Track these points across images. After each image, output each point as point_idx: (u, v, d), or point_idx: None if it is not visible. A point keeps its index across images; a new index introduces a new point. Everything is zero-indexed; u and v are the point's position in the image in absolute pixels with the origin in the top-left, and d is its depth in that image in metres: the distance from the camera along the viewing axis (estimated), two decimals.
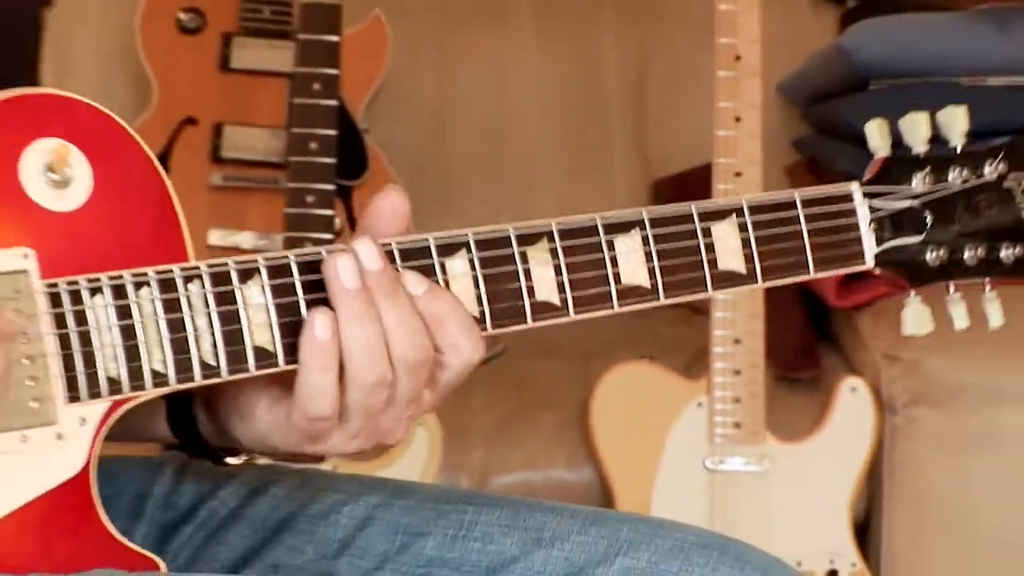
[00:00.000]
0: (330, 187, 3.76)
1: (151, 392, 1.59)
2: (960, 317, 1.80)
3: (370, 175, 4.17)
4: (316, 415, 1.60)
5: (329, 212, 3.76)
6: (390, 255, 1.62)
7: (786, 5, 4.34)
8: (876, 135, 1.80)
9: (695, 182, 3.94)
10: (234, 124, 4.15)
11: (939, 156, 1.79)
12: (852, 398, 3.85)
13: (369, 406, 1.60)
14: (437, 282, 1.64)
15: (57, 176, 1.60)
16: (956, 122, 1.78)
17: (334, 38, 3.78)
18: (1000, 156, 1.80)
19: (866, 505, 3.94)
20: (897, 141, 1.81)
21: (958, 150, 1.79)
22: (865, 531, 3.92)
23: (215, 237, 3.87)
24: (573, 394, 3.75)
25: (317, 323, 1.59)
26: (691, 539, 1.78)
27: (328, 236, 3.75)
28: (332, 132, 3.76)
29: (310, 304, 1.61)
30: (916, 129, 1.78)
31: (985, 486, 3.94)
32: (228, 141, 4.13)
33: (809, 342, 4.09)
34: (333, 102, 3.77)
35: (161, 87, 4.14)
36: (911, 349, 3.90)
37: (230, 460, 1.76)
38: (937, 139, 1.79)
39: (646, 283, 1.71)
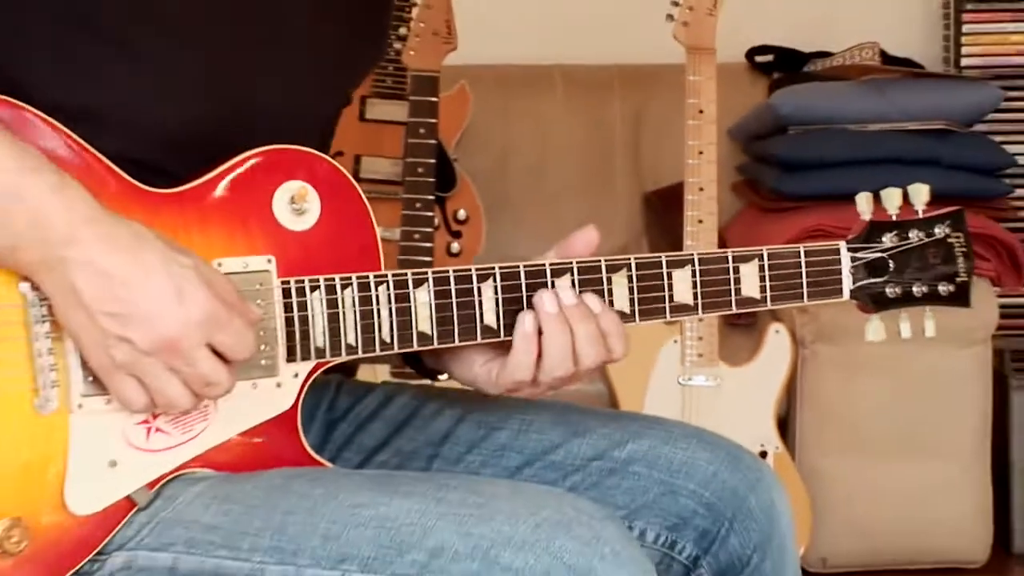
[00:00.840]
0: (431, 198, 3.75)
1: (344, 358, 1.63)
2: (906, 330, 1.81)
3: (458, 190, 4.18)
4: (518, 380, 1.66)
5: (431, 214, 3.76)
6: (570, 270, 1.68)
7: (733, 77, 4.30)
8: (863, 204, 1.79)
9: (672, 195, 3.92)
10: (368, 155, 4.13)
11: (905, 220, 1.79)
12: (776, 337, 3.85)
13: (554, 382, 1.66)
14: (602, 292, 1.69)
15: (297, 206, 1.63)
16: (919, 195, 1.78)
17: (434, 99, 3.77)
18: (947, 221, 1.80)
19: (785, 408, 3.93)
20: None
21: (920, 215, 1.79)
22: (785, 425, 3.92)
23: None
24: None
25: (526, 321, 1.65)
26: (677, 430, 1.79)
27: (430, 230, 3.74)
28: (432, 161, 3.75)
29: (460, 304, 1.66)
30: (892, 198, 1.78)
31: (862, 395, 3.97)
32: (364, 167, 4.12)
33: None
34: (433, 141, 3.76)
35: None
36: (815, 305, 3.90)
37: (440, 378, 1.80)
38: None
39: (690, 302, 1.72)
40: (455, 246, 4.15)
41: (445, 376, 1.78)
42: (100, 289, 1.47)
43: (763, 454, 3.74)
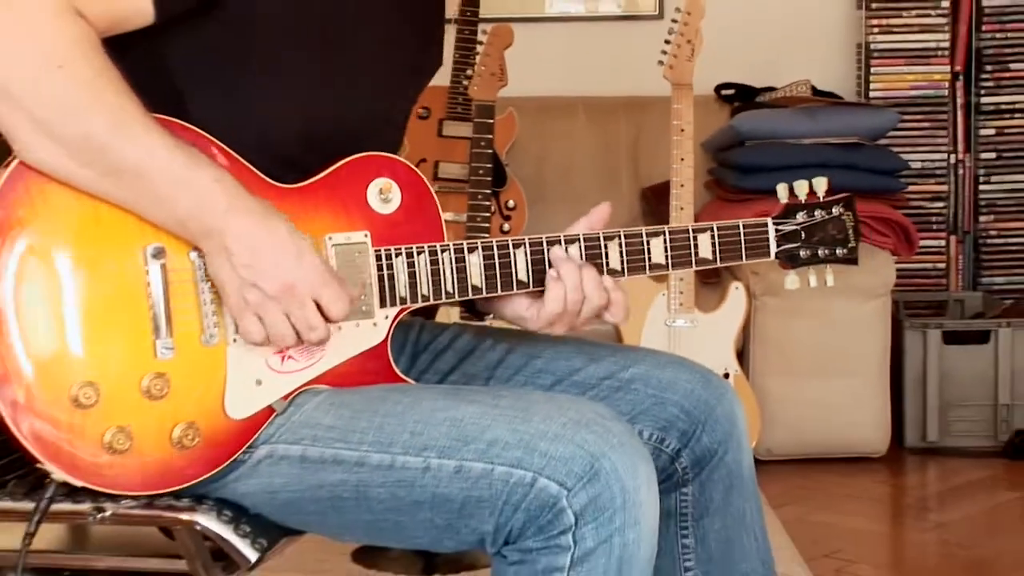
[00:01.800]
0: (488, 191, 3.74)
1: (420, 304, 1.62)
2: (813, 280, 1.78)
3: (508, 186, 4.17)
4: (553, 312, 1.64)
5: (488, 204, 3.73)
6: (578, 240, 1.67)
7: (705, 105, 4.29)
8: (782, 191, 1.77)
9: (662, 190, 3.91)
10: (444, 161, 4.12)
11: (812, 203, 1.76)
12: (736, 292, 3.83)
13: (571, 314, 1.64)
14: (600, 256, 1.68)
15: (384, 196, 1.61)
16: (820, 185, 1.76)
17: (491, 121, 3.75)
18: (841, 203, 1.78)
19: (742, 343, 3.92)
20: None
21: (821, 199, 1.77)
22: (742, 355, 3.90)
23: None
24: None
25: (551, 272, 1.64)
26: (666, 358, 1.77)
27: (487, 215, 3.72)
28: (490, 165, 3.73)
29: (501, 265, 1.64)
30: (802, 188, 1.76)
31: (797, 333, 3.95)
32: (441, 169, 4.11)
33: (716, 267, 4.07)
34: (490, 151, 3.74)
35: (411, 144, 4.12)
36: (764, 268, 3.89)
37: (487, 319, 1.78)
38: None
39: (663, 261, 1.69)
40: (505, 227, 4.15)
41: (491, 316, 1.76)
42: (243, 249, 1.47)
43: (726, 375, 3.73)
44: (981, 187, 4.55)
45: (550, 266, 1.65)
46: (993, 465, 3.99)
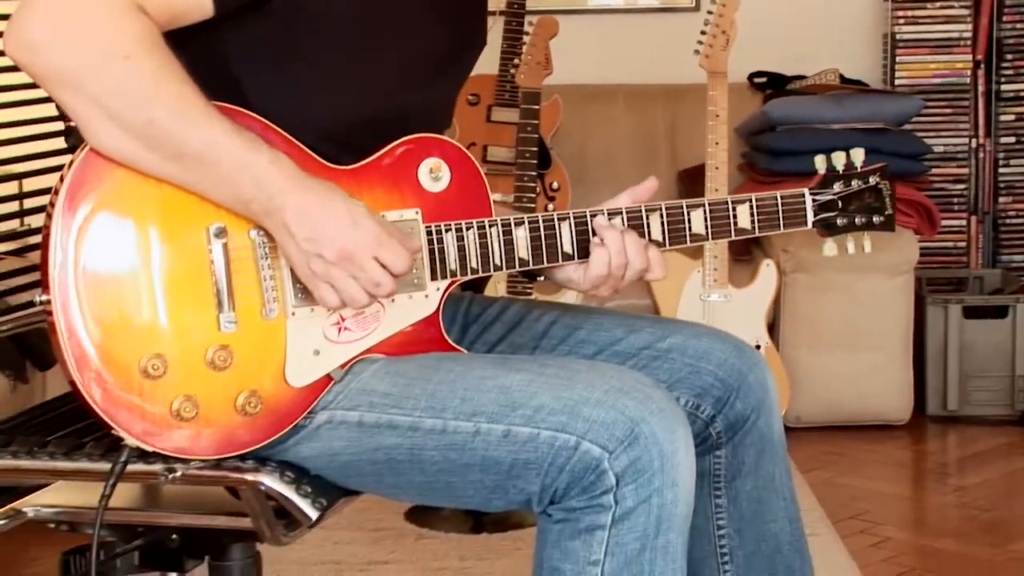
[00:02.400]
0: (534, 174, 3.71)
1: (468, 277, 1.61)
2: (851, 248, 1.75)
3: (552, 168, 4.13)
4: (598, 275, 1.62)
5: (534, 185, 3.70)
6: (620, 212, 1.65)
7: (739, 93, 4.25)
8: (820, 162, 1.74)
9: (697, 172, 3.88)
10: (493, 145, 4.09)
11: (848, 173, 1.73)
12: (767, 269, 3.80)
13: (615, 277, 1.62)
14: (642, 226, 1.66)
15: (435, 175, 1.60)
16: (858, 156, 1.73)
17: (537, 107, 3.71)
18: (877, 172, 1.74)
19: (772, 316, 3.89)
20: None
21: (858, 169, 1.73)
22: (772, 328, 3.87)
23: None
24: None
25: (595, 239, 1.63)
26: (702, 330, 1.75)
27: (533, 195, 3.69)
28: (536, 149, 3.70)
29: (547, 237, 1.62)
30: (839, 159, 1.73)
31: (825, 308, 3.91)
32: (490, 153, 4.08)
33: (748, 243, 4.05)
34: (536, 136, 3.71)
35: (461, 129, 4.10)
36: (794, 246, 3.86)
37: (539, 279, 1.75)
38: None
39: (703, 232, 1.67)
40: (550, 207, 4.12)
41: (542, 277, 1.74)
42: (302, 224, 1.47)
43: (757, 347, 3.70)
44: (1000, 170, 4.51)
45: (594, 235, 1.63)
46: (1010, 433, 3.97)
